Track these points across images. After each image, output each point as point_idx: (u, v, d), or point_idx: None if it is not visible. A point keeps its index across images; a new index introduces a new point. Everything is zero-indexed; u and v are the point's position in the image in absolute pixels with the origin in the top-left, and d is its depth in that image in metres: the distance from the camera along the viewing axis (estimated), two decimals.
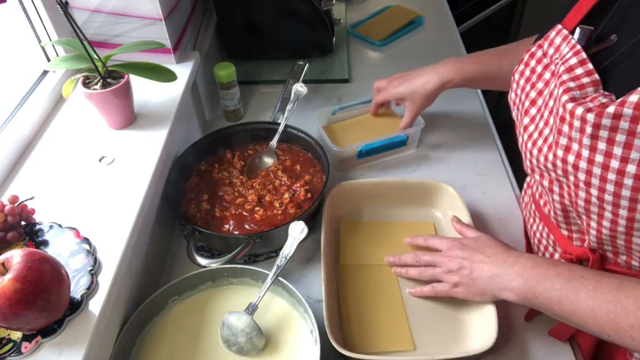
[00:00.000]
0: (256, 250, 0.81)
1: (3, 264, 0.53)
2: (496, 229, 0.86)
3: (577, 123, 0.54)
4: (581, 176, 0.55)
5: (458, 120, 1.08)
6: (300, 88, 0.98)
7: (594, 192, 0.55)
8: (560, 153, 0.57)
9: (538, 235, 0.74)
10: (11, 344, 0.55)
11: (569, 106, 0.54)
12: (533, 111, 0.64)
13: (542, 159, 0.61)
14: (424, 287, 0.74)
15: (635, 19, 0.55)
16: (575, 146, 0.55)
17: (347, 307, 0.74)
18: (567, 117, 0.55)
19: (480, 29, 2.16)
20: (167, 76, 0.81)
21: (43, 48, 0.90)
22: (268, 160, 0.93)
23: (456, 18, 1.45)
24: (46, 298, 0.53)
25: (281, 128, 0.93)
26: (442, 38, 1.36)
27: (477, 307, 0.71)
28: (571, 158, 0.56)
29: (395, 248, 0.81)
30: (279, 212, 0.83)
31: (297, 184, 0.86)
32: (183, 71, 0.93)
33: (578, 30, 0.58)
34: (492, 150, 1.01)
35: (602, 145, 0.52)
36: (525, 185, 0.83)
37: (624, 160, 0.51)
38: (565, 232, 0.66)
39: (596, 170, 0.53)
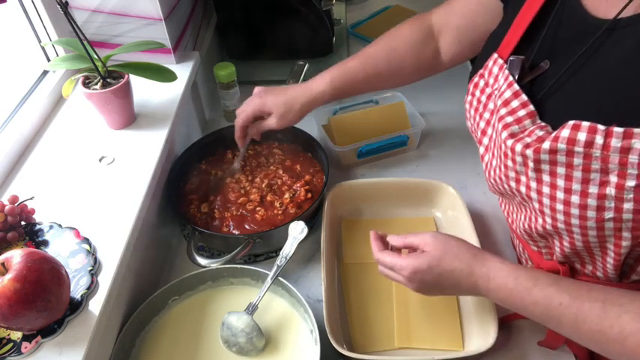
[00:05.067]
0: (256, 250, 0.81)
1: (3, 264, 0.53)
2: (496, 229, 0.86)
3: (519, 159, 0.55)
4: (536, 205, 0.57)
5: (458, 120, 1.08)
6: None
7: (548, 220, 0.56)
8: (513, 184, 0.59)
9: (519, 248, 0.75)
10: (11, 344, 0.55)
11: (509, 143, 0.56)
12: (485, 140, 0.65)
13: (502, 187, 0.62)
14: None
15: (563, 44, 0.55)
16: (523, 179, 0.57)
17: (350, 306, 0.74)
18: (509, 153, 0.56)
19: None
20: (167, 76, 0.81)
21: (43, 48, 0.90)
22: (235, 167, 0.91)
23: None
24: (46, 298, 0.53)
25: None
26: None
27: (476, 307, 0.71)
28: (523, 189, 0.57)
29: None
30: (280, 212, 0.83)
31: (298, 184, 0.86)
32: (183, 71, 0.93)
33: (510, 60, 0.59)
34: None
35: (546, 178, 0.53)
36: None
37: (567, 191, 0.52)
38: (534, 248, 0.67)
39: (546, 201, 0.54)
